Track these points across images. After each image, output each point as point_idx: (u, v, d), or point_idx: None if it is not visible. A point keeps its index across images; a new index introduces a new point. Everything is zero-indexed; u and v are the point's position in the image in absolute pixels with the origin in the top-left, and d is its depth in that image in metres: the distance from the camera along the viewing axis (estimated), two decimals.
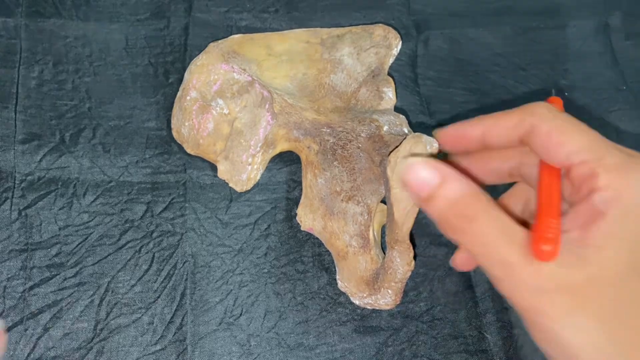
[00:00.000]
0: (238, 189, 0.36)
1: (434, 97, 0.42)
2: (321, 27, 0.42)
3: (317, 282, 0.36)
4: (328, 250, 0.36)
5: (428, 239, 0.37)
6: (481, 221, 0.22)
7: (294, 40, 0.41)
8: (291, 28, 0.42)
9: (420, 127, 0.41)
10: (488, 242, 0.21)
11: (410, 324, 0.35)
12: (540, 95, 0.43)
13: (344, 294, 0.35)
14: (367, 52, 0.40)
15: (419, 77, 0.43)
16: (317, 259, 0.36)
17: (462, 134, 0.26)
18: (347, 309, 0.35)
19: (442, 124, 0.41)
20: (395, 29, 0.41)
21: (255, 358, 0.34)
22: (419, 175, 0.23)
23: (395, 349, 0.35)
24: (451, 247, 0.36)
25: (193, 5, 0.43)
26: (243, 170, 0.36)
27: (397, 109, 0.41)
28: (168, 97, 0.39)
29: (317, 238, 0.36)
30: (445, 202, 0.22)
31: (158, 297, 0.34)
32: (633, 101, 0.44)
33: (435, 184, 0.22)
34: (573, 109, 0.43)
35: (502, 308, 0.36)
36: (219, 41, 0.39)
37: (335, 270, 0.35)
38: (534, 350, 0.24)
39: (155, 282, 0.34)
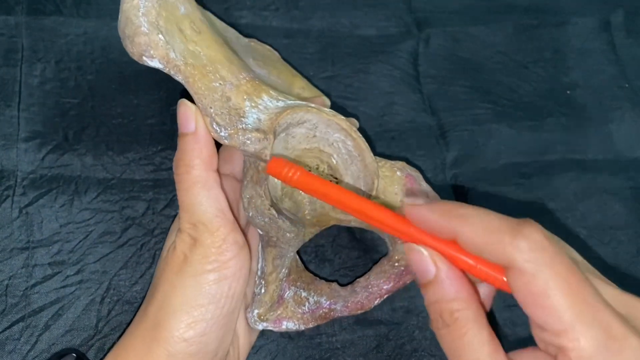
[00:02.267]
0: None
1: (435, 95, 0.42)
2: (321, 25, 0.42)
3: (318, 273, 0.35)
4: (329, 242, 0.36)
5: None
6: (464, 334, 0.22)
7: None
8: (291, 26, 0.42)
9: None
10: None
11: (412, 318, 0.35)
12: (543, 96, 0.43)
13: (346, 285, 0.34)
14: None
15: (421, 75, 0.42)
16: (320, 249, 0.36)
17: (432, 221, 0.23)
18: None
19: (444, 123, 0.41)
20: (396, 26, 0.41)
21: (257, 351, 0.34)
22: (422, 263, 0.23)
23: (396, 343, 0.35)
24: None
25: None
26: None
27: (399, 108, 0.41)
28: (171, 94, 0.39)
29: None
30: (433, 300, 0.23)
31: None
32: (635, 99, 0.44)
33: (432, 278, 0.23)
34: (575, 106, 0.43)
35: (504, 306, 0.36)
36: None
37: (337, 262, 0.35)
38: None
39: None
